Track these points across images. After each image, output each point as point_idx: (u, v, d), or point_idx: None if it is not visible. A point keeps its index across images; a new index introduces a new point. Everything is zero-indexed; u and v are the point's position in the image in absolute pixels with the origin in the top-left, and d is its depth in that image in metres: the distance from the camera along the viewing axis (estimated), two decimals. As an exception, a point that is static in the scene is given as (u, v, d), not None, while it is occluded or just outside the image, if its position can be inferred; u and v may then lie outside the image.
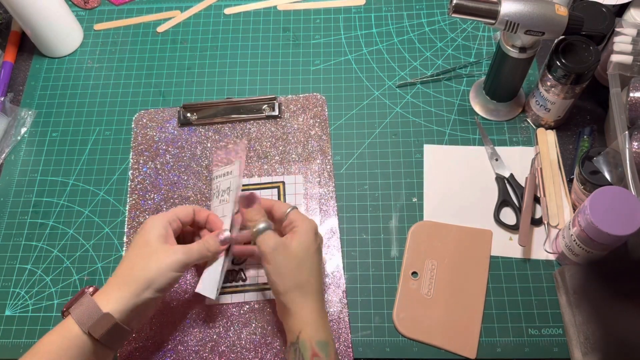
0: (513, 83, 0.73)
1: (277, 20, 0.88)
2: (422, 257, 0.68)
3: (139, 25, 0.90)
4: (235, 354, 0.64)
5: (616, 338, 0.53)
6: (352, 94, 0.80)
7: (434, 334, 0.64)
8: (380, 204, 0.72)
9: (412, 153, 0.75)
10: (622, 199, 0.57)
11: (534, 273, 0.67)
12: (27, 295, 0.70)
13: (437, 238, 0.69)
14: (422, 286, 0.66)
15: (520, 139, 0.75)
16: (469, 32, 0.84)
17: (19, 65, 0.88)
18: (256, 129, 0.78)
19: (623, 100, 0.68)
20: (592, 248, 0.60)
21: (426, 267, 0.67)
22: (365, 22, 0.87)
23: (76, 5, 0.92)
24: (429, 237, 0.69)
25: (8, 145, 0.80)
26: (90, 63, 0.87)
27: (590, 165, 0.65)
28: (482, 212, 0.71)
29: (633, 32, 0.69)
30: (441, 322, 0.65)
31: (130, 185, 0.75)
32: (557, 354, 0.63)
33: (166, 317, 0.67)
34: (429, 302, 0.66)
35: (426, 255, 0.68)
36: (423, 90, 0.80)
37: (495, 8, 0.61)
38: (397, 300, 0.66)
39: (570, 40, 0.66)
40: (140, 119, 0.80)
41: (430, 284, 0.66)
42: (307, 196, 0.72)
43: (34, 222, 0.74)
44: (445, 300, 0.66)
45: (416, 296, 0.66)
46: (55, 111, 0.83)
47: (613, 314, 0.54)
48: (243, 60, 0.85)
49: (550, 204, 0.70)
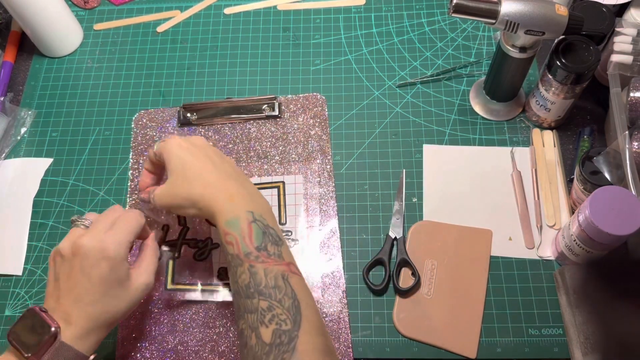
0: (513, 83, 0.73)
1: (277, 20, 0.88)
2: (422, 257, 0.68)
3: (138, 25, 0.90)
4: (235, 354, 0.64)
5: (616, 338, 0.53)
6: (352, 94, 0.80)
7: (434, 334, 0.64)
8: (380, 204, 0.72)
9: (412, 153, 0.75)
10: (622, 199, 0.57)
11: (534, 273, 0.67)
12: (27, 295, 0.70)
13: (437, 238, 0.69)
14: (422, 286, 0.66)
15: (520, 139, 0.75)
16: (469, 32, 0.84)
17: (19, 65, 0.88)
18: (256, 129, 0.78)
19: (623, 100, 0.68)
20: (592, 248, 0.60)
21: (426, 267, 0.67)
22: (365, 22, 0.87)
23: (76, 5, 0.92)
24: (429, 237, 0.69)
25: (8, 145, 0.80)
26: (90, 63, 0.87)
27: (591, 165, 0.65)
28: (482, 212, 0.71)
29: (633, 32, 0.69)
30: (441, 322, 0.65)
31: (130, 185, 0.75)
32: (557, 354, 0.63)
33: (165, 318, 0.67)
34: (429, 302, 0.66)
35: (426, 255, 0.68)
36: (423, 90, 0.80)
37: (495, 8, 0.61)
38: (397, 300, 0.66)
39: (570, 40, 0.66)
40: (140, 119, 0.80)
41: (430, 284, 0.66)
42: (307, 196, 0.72)
43: (34, 222, 0.74)
44: (445, 300, 0.66)
45: (416, 296, 0.66)
46: (55, 111, 0.83)
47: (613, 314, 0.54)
48: (243, 60, 0.85)
49: (546, 205, 0.70)
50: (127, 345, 0.65)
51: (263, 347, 0.47)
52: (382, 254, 0.68)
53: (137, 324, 0.66)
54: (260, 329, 0.48)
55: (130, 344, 0.65)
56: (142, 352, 0.65)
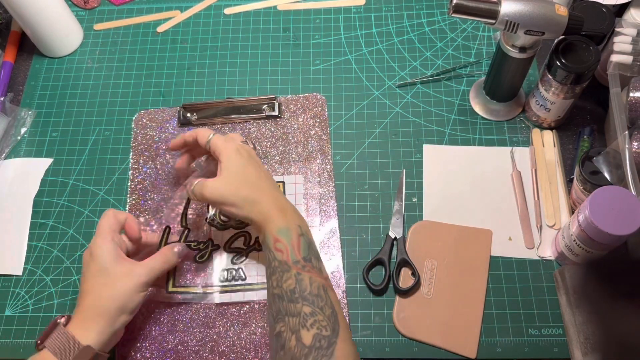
0: (513, 83, 0.73)
1: (277, 20, 0.88)
2: (422, 257, 0.68)
3: (139, 25, 0.90)
4: (235, 354, 0.64)
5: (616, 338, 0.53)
6: (352, 94, 0.80)
7: (434, 334, 0.64)
8: (380, 204, 0.72)
9: (412, 153, 0.75)
10: (622, 199, 0.57)
11: (534, 273, 0.67)
12: (27, 295, 0.70)
13: (437, 238, 0.69)
14: (422, 286, 0.66)
15: (520, 139, 0.75)
16: (469, 32, 0.84)
17: (19, 65, 0.88)
18: (256, 129, 0.78)
19: (623, 100, 0.68)
20: (592, 248, 0.60)
21: (426, 267, 0.67)
22: (365, 22, 0.87)
23: (76, 5, 0.92)
24: (428, 237, 0.69)
25: (8, 145, 0.80)
26: (90, 63, 0.87)
27: (590, 165, 0.65)
28: (482, 212, 0.71)
29: (633, 32, 0.69)
30: (441, 322, 0.65)
31: (130, 186, 0.75)
32: (557, 354, 0.63)
33: (165, 318, 0.67)
34: (429, 302, 0.66)
35: (426, 255, 0.68)
36: (423, 90, 0.80)
37: (495, 8, 0.61)
38: (397, 300, 0.66)
39: (570, 40, 0.66)
40: (140, 119, 0.80)
41: (430, 284, 0.66)
42: (307, 196, 0.72)
43: (34, 222, 0.74)
44: (445, 300, 0.66)
45: (416, 296, 0.66)
46: (55, 111, 0.83)
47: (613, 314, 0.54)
48: (243, 60, 0.85)
49: (546, 205, 0.70)
50: (127, 345, 0.65)
51: (302, 349, 0.51)
52: (382, 254, 0.68)
53: (137, 324, 0.66)
54: (302, 332, 0.52)
55: (130, 344, 0.65)
56: (142, 352, 0.65)
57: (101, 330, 0.57)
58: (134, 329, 0.66)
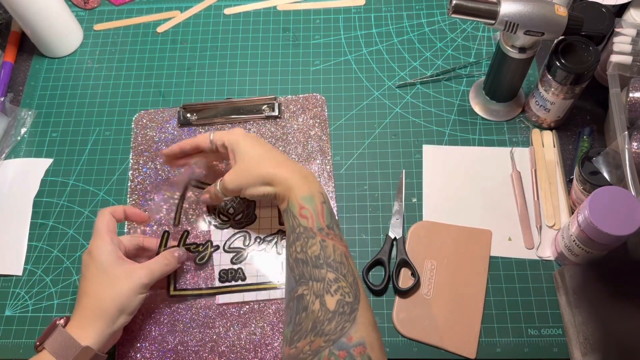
0: (513, 83, 0.73)
1: (277, 21, 0.88)
2: (421, 258, 0.68)
3: (139, 26, 0.90)
4: (235, 354, 0.64)
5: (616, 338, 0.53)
6: (352, 94, 0.80)
7: (433, 334, 0.64)
8: (380, 204, 0.72)
9: (411, 153, 0.75)
10: (622, 199, 0.57)
11: (533, 273, 0.67)
12: (27, 295, 0.70)
13: (436, 238, 0.69)
14: (422, 286, 0.66)
15: (520, 139, 0.75)
16: (468, 33, 0.84)
17: (19, 65, 0.88)
18: (256, 129, 0.78)
19: (623, 101, 0.68)
20: (591, 248, 0.60)
21: (426, 267, 0.67)
22: (365, 22, 0.87)
23: (76, 5, 0.92)
24: (428, 238, 0.69)
25: (8, 145, 0.80)
26: (90, 63, 0.87)
27: (590, 165, 0.65)
28: (482, 212, 0.71)
29: (633, 32, 0.69)
30: (441, 322, 0.65)
31: (130, 186, 0.75)
32: (556, 354, 0.63)
33: (165, 318, 0.67)
34: (429, 302, 0.66)
35: (426, 255, 0.68)
36: (423, 90, 0.80)
37: (494, 8, 0.62)
38: (397, 300, 0.66)
39: (570, 41, 0.66)
40: (140, 120, 0.80)
41: (429, 284, 0.66)
42: (307, 196, 0.72)
43: (34, 222, 0.74)
44: (445, 300, 0.66)
45: (416, 296, 0.66)
46: (55, 111, 0.83)
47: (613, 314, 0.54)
48: (243, 60, 0.85)
49: (546, 205, 0.70)
50: (127, 346, 0.65)
51: (327, 313, 0.52)
52: (381, 254, 0.68)
53: (137, 324, 0.66)
54: (326, 297, 0.53)
55: (130, 344, 0.65)
56: (142, 352, 0.65)
57: (100, 330, 0.57)
58: (134, 329, 0.66)
